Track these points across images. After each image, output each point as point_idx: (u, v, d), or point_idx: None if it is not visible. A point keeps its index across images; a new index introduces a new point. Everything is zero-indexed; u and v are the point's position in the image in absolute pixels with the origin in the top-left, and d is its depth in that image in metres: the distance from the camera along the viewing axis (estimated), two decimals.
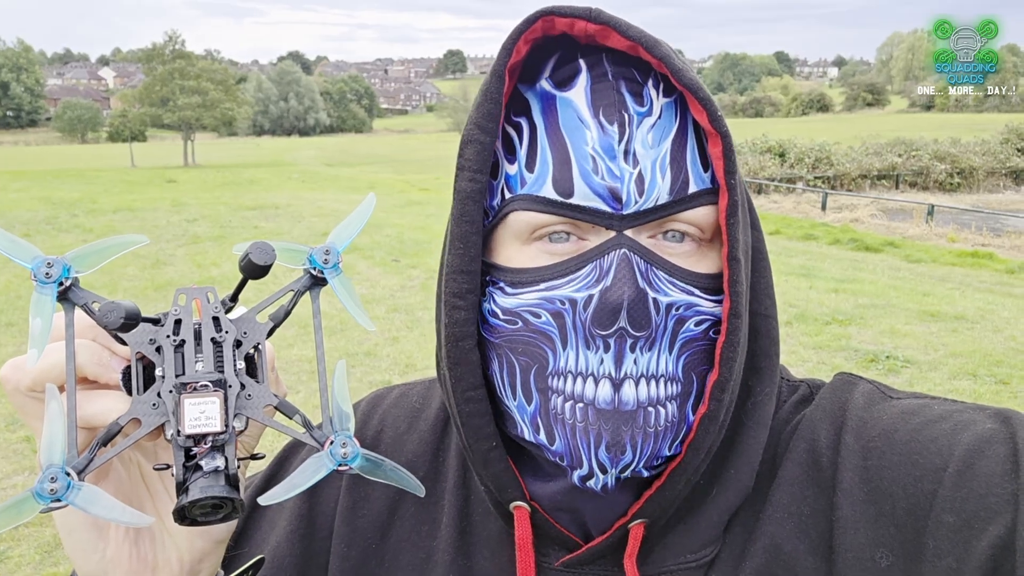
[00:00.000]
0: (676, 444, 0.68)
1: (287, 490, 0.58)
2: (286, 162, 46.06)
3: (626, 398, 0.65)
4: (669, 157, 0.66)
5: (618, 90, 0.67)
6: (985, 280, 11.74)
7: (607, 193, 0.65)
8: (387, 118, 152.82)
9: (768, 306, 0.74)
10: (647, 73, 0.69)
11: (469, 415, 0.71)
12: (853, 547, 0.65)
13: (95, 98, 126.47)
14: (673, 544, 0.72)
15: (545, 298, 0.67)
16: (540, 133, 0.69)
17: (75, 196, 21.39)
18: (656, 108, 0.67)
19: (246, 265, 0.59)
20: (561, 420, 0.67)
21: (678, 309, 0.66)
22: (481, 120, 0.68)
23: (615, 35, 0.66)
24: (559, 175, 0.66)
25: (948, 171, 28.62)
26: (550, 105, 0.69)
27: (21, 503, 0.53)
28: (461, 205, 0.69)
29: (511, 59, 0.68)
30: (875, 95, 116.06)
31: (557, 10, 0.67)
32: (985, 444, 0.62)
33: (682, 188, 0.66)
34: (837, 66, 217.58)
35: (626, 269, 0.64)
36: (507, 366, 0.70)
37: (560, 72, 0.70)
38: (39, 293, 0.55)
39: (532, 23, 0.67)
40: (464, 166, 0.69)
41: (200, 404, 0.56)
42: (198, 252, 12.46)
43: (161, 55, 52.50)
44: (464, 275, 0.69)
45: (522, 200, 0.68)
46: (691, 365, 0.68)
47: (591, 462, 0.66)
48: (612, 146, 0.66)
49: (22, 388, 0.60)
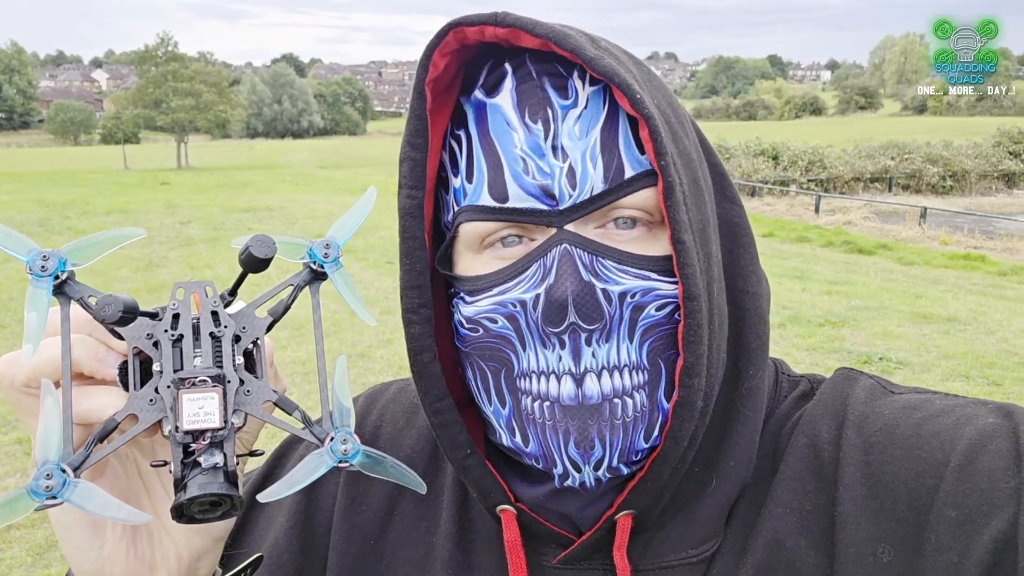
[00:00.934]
0: (655, 436, 0.67)
1: (287, 487, 0.58)
2: (280, 164, 45.98)
3: (589, 392, 0.65)
4: (600, 145, 0.66)
5: (542, 87, 0.67)
6: (977, 282, 11.79)
7: (539, 192, 0.65)
8: (381, 120, 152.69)
9: (753, 283, 0.73)
10: (572, 66, 0.68)
11: (440, 425, 0.72)
12: (854, 542, 0.65)
13: (88, 100, 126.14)
14: (672, 538, 0.71)
15: (498, 303, 0.67)
16: (475, 143, 0.69)
17: (68, 198, 21.34)
18: (582, 99, 0.67)
19: (246, 258, 0.59)
20: (532, 420, 0.68)
21: (634, 296, 0.65)
22: (411, 137, 0.69)
23: (525, 35, 0.66)
24: (493, 181, 0.67)
25: (941, 174, 28.75)
26: (481, 114, 0.69)
27: (15, 501, 0.52)
28: (402, 222, 0.70)
29: (428, 74, 0.68)
30: (868, 98, 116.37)
31: (465, 20, 0.67)
32: (987, 439, 0.62)
33: (617, 174, 0.66)
34: (830, 69, 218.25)
35: (568, 264, 0.64)
36: (479, 373, 0.71)
37: (490, 79, 0.70)
38: (35, 287, 0.54)
39: (443, 37, 0.68)
40: (402, 184, 0.70)
41: (199, 400, 0.55)
42: (191, 254, 12.44)
43: (154, 57, 52.31)
44: (415, 290, 0.70)
45: (466, 212, 0.69)
46: (657, 351, 0.67)
47: (563, 460, 0.67)
48: (539, 144, 0.66)
49: (17, 384, 0.59)
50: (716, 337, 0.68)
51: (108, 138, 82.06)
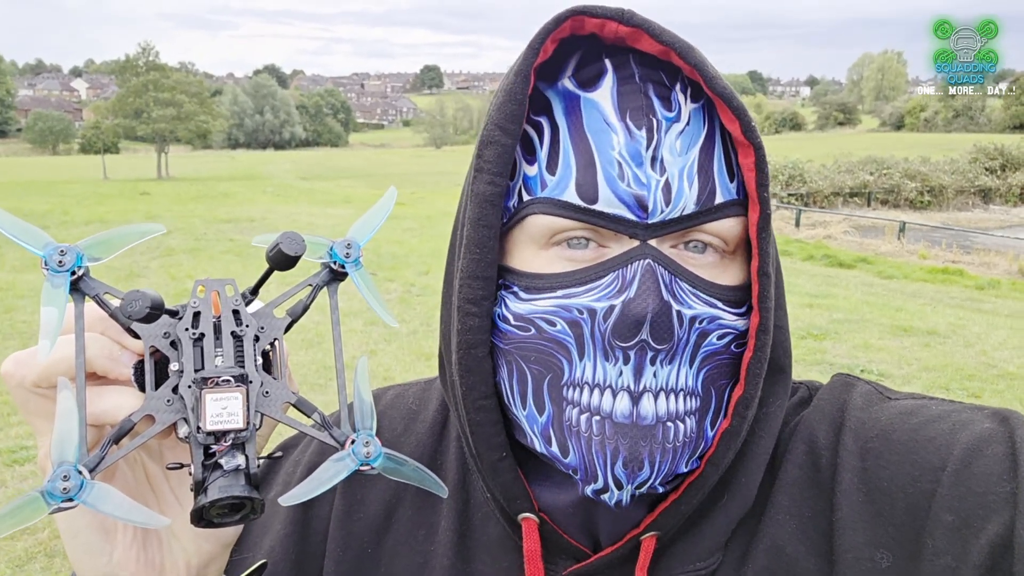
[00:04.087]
0: (694, 460, 0.67)
1: (309, 490, 0.56)
2: (261, 175, 45.71)
3: (645, 412, 0.63)
4: (697, 166, 0.64)
5: (646, 94, 0.65)
6: (956, 296, 11.90)
7: (633, 201, 0.63)
8: (363, 132, 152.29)
9: (781, 317, 0.72)
10: (675, 77, 0.67)
11: (479, 424, 0.69)
12: (853, 547, 0.65)
13: (67, 109, 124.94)
14: (682, 552, 0.71)
15: (562, 306, 0.65)
16: (563, 134, 0.66)
17: (45, 208, 21.09)
18: (684, 114, 0.65)
19: (275, 255, 0.57)
20: (576, 432, 0.65)
21: (701, 322, 0.64)
22: (503, 121, 0.65)
23: (647, 38, 0.64)
24: (583, 179, 0.64)
25: (919, 189, 29.00)
26: (573, 105, 0.66)
27: (29, 504, 0.50)
28: (479, 208, 0.66)
29: (538, 58, 0.65)
30: (846, 114, 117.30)
31: (588, 10, 0.64)
32: (983, 443, 0.62)
33: (709, 198, 0.64)
34: (809, 86, 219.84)
35: (651, 280, 0.62)
36: (518, 374, 0.68)
37: (584, 72, 0.68)
38: (51, 283, 0.53)
39: (562, 22, 0.65)
40: (483, 168, 0.66)
41: (222, 400, 0.53)
42: (172, 264, 12.33)
43: (135, 67, 51.97)
44: (479, 280, 0.67)
45: (543, 203, 0.66)
46: (711, 379, 0.66)
47: (607, 477, 0.64)
48: (639, 152, 0.63)
49: (27, 384, 0.57)
50: (766, 370, 0.68)
51: (87, 148, 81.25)
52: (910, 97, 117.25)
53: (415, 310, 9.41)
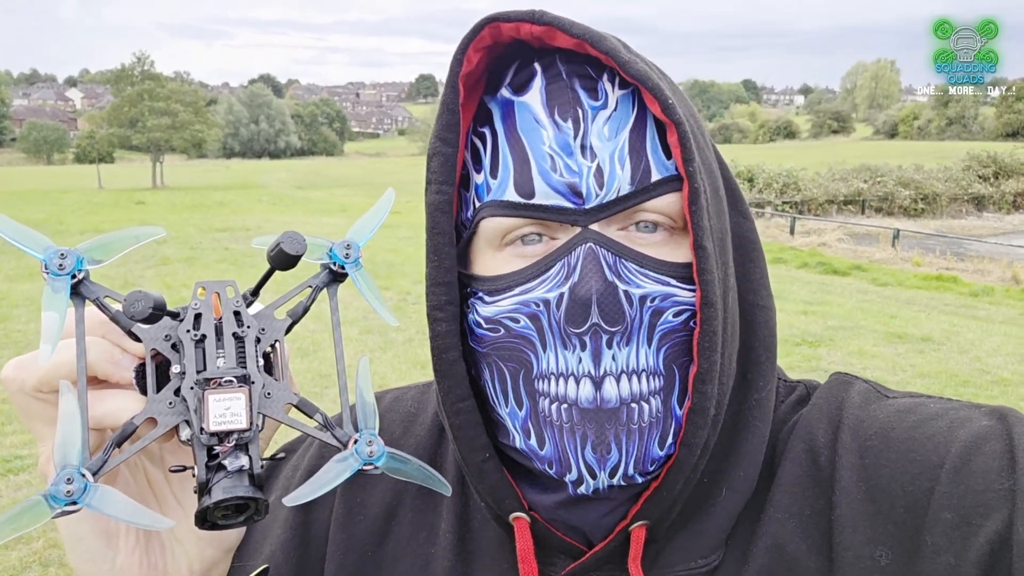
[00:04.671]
0: (669, 444, 0.67)
1: (312, 490, 0.56)
2: (256, 184, 45.69)
3: (608, 396, 0.65)
4: (628, 147, 0.66)
5: (572, 88, 0.67)
6: (950, 303, 11.94)
7: (567, 189, 0.65)
8: (359, 141, 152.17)
9: (764, 296, 0.74)
10: (601, 69, 0.69)
11: (460, 427, 0.70)
12: (852, 545, 0.65)
13: (62, 119, 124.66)
14: (682, 548, 0.71)
15: (521, 302, 0.67)
16: (501, 140, 0.69)
17: (40, 217, 21.07)
18: (612, 101, 0.67)
19: (276, 255, 0.58)
20: (549, 422, 0.67)
21: (653, 300, 0.65)
22: (442, 132, 0.69)
23: (560, 34, 0.66)
24: (519, 177, 0.67)
25: (912, 197, 29.16)
26: (509, 111, 0.69)
27: (32, 508, 0.50)
28: (431, 218, 0.69)
29: (463, 68, 0.68)
30: (840, 123, 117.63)
31: (501, 16, 0.67)
32: (981, 441, 0.63)
33: (644, 177, 0.66)
34: (803, 94, 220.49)
35: (592, 263, 0.64)
36: (497, 374, 0.70)
37: (518, 78, 0.70)
38: (52, 286, 0.53)
39: (479, 31, 0.68)
40: (431, 179, 0.69)
41: (225, 400, 0.53)
42: (168, 273, 12.30)
43: (130, 76, 51.93)
44: (441, 287, 0.69)
45: (489, 207, 0.68)
46: (672, 358, 0.67)
47: (579, 465, 0.66)
48: (568, 142, 0.66)
49: (27, 388, 0.58)
50: (728, 346, 0.68)
51: (82, 157, 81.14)
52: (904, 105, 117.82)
53: (411, 318, 9.40)
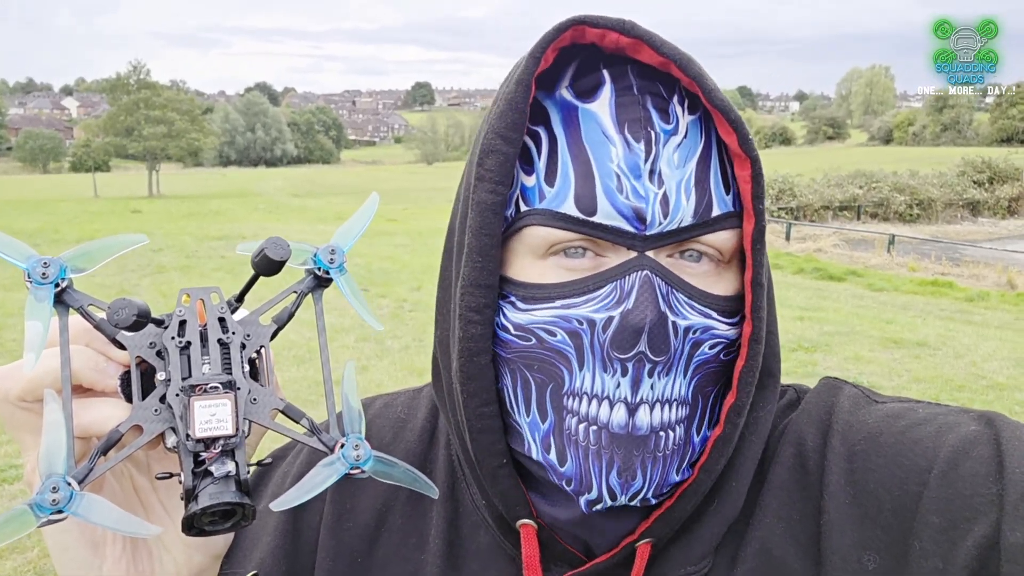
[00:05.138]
0: (684, 468, 0.67)
1: (300, 495, 0.56)
2: (253, 193, 45.69)
3: (640, 423, 0.64)
4: (694, 179, 0.64)
5: (644, 105, 0.65)
6: (945, 308, 11.96)
7: (631, 213, 0.63)
8: (355, 149, 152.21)
9: (771, 323, 0.72)
10: (672, 89, 0.67)
11: (481, 431, 0.69)
12: (840, 549, 0.65)
13: (58, 128, 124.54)
14: (675, 557, 0.71)
15: (561, 316, 0.65)
16: (561, 145, 0.66)
17: (36, 226, 21.05)
18: (682, 127, 0.65)
19: (260, 261, 0.57)
20: (575, 441, 0.65)
21: (695, 332, 0.65)
22: (504, 130, 0.65)
23: (647, 50, 0.64)
24: (581, 191, 0.64)
25: (907, 202, 29.23)
26: (571, 116, 0.66)
27: (17, 517, 0.49)
28: (480, 217, 0.66)
29: (539, 67, 0.65)
30: (835, 129, 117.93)
31: (589, 20, 0.64)
32: (969, 445, 0.63)
33: (706, 211, 0.65)
34: (798, 100, 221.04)
35: (648, 291, 0.62)
36: (521, 382, 0.68)
37: (582, 82, 0.68)
38: (35, 295, 0.53)
39: (563, 31, 0.65)
40: (484, 176, 0.66)
41: (211, 406, 0.53)
42: (163, 282, 12.29)
43: (126, 85, 51.94)
44: (482, 289, 0.66)
45: (541, 215, 0.66)
46: (699, 387, 0.67)
47: (601, 487, 0.65)
48: (638, 164, 0.63)
49: (11, 397, 0.57)
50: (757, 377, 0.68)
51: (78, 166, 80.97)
52: (899, 111, 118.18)
53: (407, 326, 9.40)
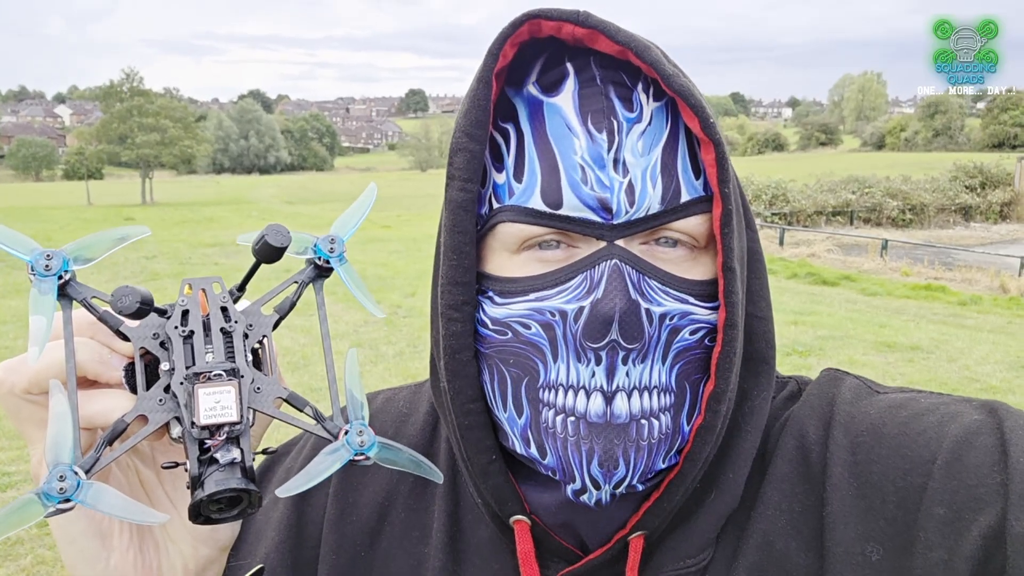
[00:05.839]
0: (671, 456, 0.67)
1: (304, 481, 0.56)
2: (246, 200, 45.66)
3: (618, 411, 0.64)
4: (660, 165, 0.65)
5: (607, 95, 0.66)
6: (938, 312, 11.99)
7: (597, 204, 0.64)
8: (349, 156, 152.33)
9: (763, 308, 0.73)
10: (636, 77, 0.67)
11: (468, 427, 0.69)
12: (843, 542, 0.65)
13: (51, 136, 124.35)
14: (672, 549, 0.71)
15: (535, 309, 0.65)
16: (527, 141, 0.67)
17: (29, 233, 20.18)
18: (646, 114, 0.66)
19: (261, 248, 0.58)
20: (552, 434, 0.66)
21: (672, 319, 0.65)
22: (469, 128, 0.66)
23: (604, 39, 0.64)
24: (547, 186, 0.65)
25: (900, 207, 29.35)
26: (537, 111, 0.67)
27: (25, 506, 0.49)
28: (453, 216, 0.67)
29: (498, 64, 0.66)
30: (828, 135, 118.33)
31: (544, 13, 0.65)
32: (973, 435, 0.62)
33: (674, 197, 0.65)
34: (791, 107, 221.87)
35: (617, 280, 0.62)
36: (498, 377, 0.68)
37: (547, 76, 0.68)
38: (38, 288, 0.53)
39: (518, 26, 0.65)
40: (454, 175, 0.67)
41: (215, 394, 0.53)
42: (157, 289, 12.16)
43: (119, 93, 51.92)
44: (459, 286, 0.67)
45: (511, 211, 0.66)
46: (684, 374, 0.67)
47: (584, 477, 0.65)
48: (601, 155, 0.64)
49: (17, 390, 0.58)
50: (738, 363, 0.68)
51: (71, 174, 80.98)
52: (891, 117, 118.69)
53: (401, 331, 9.39)
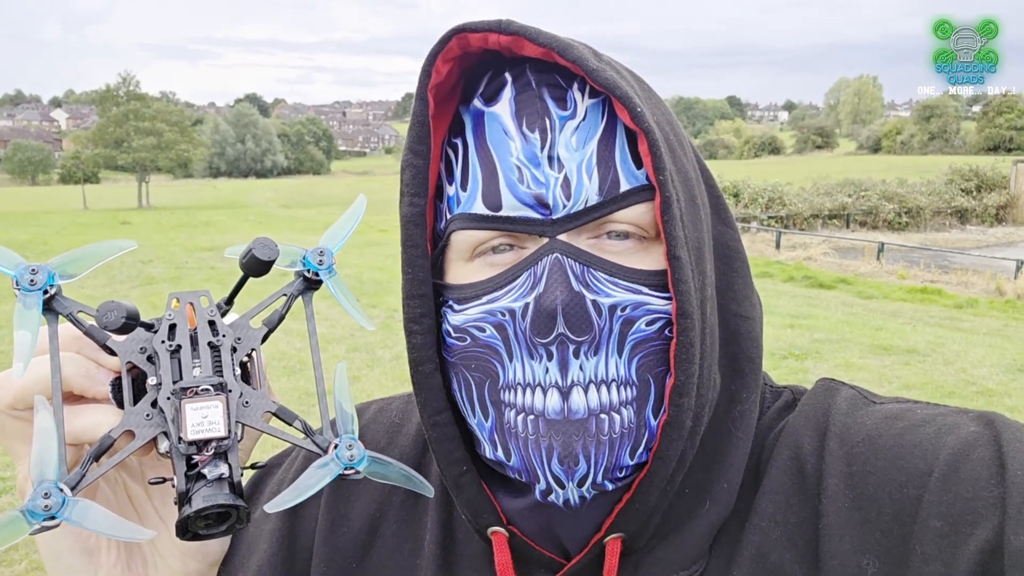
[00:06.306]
0: (641, 452, 0.66)
1: (293, 496, 0.56)
2: (243, 204, 45.64)
3: (576, 406, 0.64)
4: (596, 158, 0.65)
5: (541, 97, 0.67)
6: (935, 315, 12.01)
7: (534, 201, 0.65)
8: (345, 160, 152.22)
9: (747, 307, 0.73)
10: (572, 78, 0.68)
11: (438, 440, 0.70)
12: (839, 554, 0.64)
13: (47, 140, 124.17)
14: (662, 560, 0.70)
15: (487, 311, 0.66)
16: (471, 151, 0.69)
17: (25, 238, 20.95)
18: (580, 110, 0.67)
19: (248, 261, 0.58)
20: (515, 434, 0.66)
21: (624, 309, 0.64)
22: (413, 144, 0.69)
23: (528, 44, 0.65)
24: (487, 189, 0.66)
25: (896, 211, 29.43)
26: (479, 122, 0.69)
27: (10, 524, 0.49)
28: (405, 230, 0.69)
29: (431, 80, 0.68)
30: (824, 138, 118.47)
31: (468, 26, 0.67)
32: (969, 448, 0.62)
33: (612, 188, 0.65)
34: (787, 110, 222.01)
35: (559, 273, 0.63)
36: (464, 383, 0.69)
37: (489, 88, 0.70)
38: (23, 302, 0.52)
39: (446, 42, 0.67)
40: (404, 191, 0.69)
41: (202, 409, 0.53)
42: (153, 293, 12.23)
43: (115, 97, 51.94)
44: (416, 299, 0.69)
45: (459, 219, 0.68)
46: (646, 367, 0.66)
47: (546, 476, 0.65)
48: (535, 154, 0.65)
49: (2, 406, 0.57)
50: (708, 357, 0.67)
51: (67, 178, 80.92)
52: (887, 120, 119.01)
53: (397, 336, 9.36)
